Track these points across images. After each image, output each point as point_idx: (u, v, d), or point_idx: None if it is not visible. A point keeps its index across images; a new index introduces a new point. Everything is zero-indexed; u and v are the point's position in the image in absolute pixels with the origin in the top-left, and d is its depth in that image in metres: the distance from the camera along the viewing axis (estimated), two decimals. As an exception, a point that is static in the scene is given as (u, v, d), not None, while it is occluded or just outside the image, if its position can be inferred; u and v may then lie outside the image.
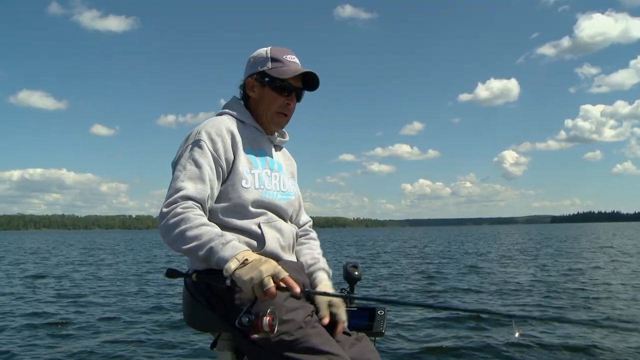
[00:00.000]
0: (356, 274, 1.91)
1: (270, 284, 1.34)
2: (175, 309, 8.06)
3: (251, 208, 1.65)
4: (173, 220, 1.49)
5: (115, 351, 5.62)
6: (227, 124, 1.71)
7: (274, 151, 1.85)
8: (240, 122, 1.77)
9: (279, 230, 1.70)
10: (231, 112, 1.78)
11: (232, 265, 1.38)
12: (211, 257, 1.43)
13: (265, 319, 1.35)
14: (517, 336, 5.25)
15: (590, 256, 18.99)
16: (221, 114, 1.80)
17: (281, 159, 1.87)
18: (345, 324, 1.68)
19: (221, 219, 1.63)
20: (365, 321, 1.80)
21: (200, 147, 1.62)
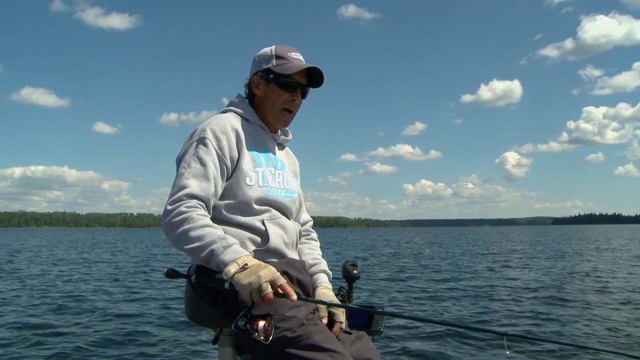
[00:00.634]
0: (355, 272, 1.93)
1: (268, 289, 1.36)
2: (177, 303, 8.07)
3: (255, 205, 1.67)
4: (177, 219, 1.51)
5: (117, 347, 5.65)
6: (232, 121, 1.72)
7: (277, 149, 1.86)
8: (245, 120, 1.78)
9: (283, 227, 1.72)
10: (236, 109, 1.80)
11: (232, 269, 1.40)
12: (212, 259, 1.45)
13: (260, 324, 1.36)
14: (508, 354, 5.27)
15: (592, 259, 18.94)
16: (225, 111, 1.81)
17: (284, 158, 1.89)
18: (343, 324, 1.70)
19: (225, 216, 1.64)
20: (364, 320, 1.82)
21: (205, 144, 1.63)
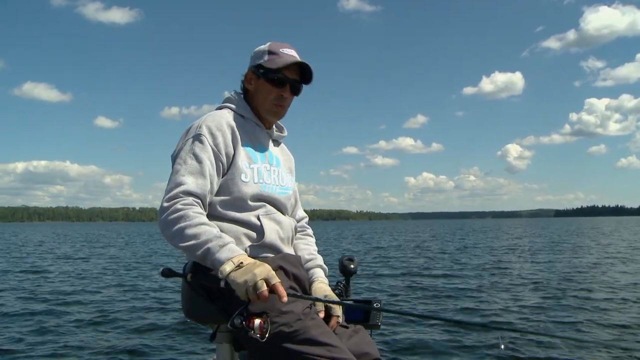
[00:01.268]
0: (352, 267, 1.94)
1: (264, 287, 1.37)
2: (174, 300, 8.08)
3: (250, 202, 1.67)
4: (173, 217, 1.51)
5: (114, 344, 5.65)
6: (227, 118, 1.72)
7: (272, 146, 1.86)
8: (240, 116, 1.78)
9: (278, 222, 1.73)
10: (231, 106, 1.80)
11: (228, 267, 1.41)
12: (208, 257, 1.45)
13: (256, 322, 1.37)
14: (502, 348, 5.30)
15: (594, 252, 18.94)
16: (221, 107, 1.81)
17: (279, 154, 1.89)
18: (340, 318, 1.70)
19: (220, 212, 1.65)
20: (361, 314, 1.82)
21: (201, 141, 1.63)
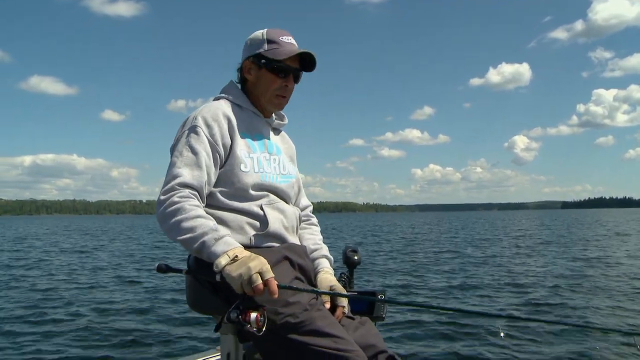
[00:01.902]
0: (355, 258, 1.93)
1: (258, 281, 1.35)
2: (179, 292, 8.13)
3: (252, 191, 1.66)
4: (169, 210, 1.50)
5: (119, 336, 5.69)
6: (224, 108, 1.70)
7: (272, 134, 1.84)
8: (237, 106, 1.76)
9: (282, 211, 1.71)
10: (228, 96, 1.78)
11: (223, 261, 1.40)
12: (203, 250, 1.45)
13: (253, 315, 1.36)
14: (502, 336, 5.30)
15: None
16: (218, 98, 1.79)
17: (280, 142, 1.87)
18: (345, 309, 1.69)
19: (222, 202, 1.64)
20: (365, 305, 1.81)
21: (197, 132, 1.62)
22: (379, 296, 1.77)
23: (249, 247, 1.57)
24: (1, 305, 7.63)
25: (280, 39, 1.73)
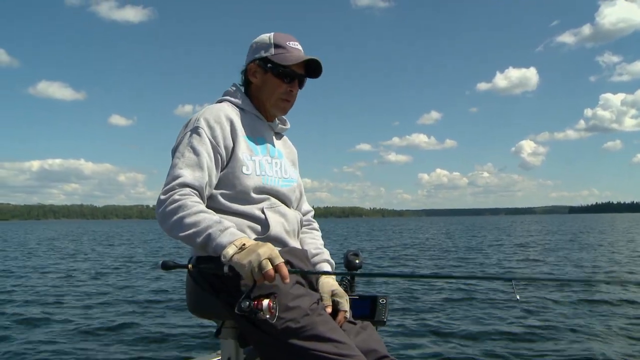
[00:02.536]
0: (357, 262, 1.92)
1: (269, 266, 1.34)
2: (179, 295, 8.10)
3: (253, 194, 1.65)
4: (171, 207, 1.49)
5: (118, 340, 5.67)
6: (226, 110, 1.70)
7: (274, 138, 1.84)
8: (240, 109, 1.76)
9: (283, 215, 1.70)
10: (231, 99, 1.78)
11: (230, 250, 1.38)
12: (209, 243, 1.43)
13: (265, 302, 1.35)
14: (518, 298, 5.25)
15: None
16: (221, 101, 1.79)
17: (282, 147, 1.87)
18: (348, 313, 1.68)
19: (223, 204, 1.63)
20: (366, 310, 1.80)
21: (199, 134, 1.62)
22: (381, 300, 1.77)
23: None
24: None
25: (287, 44, 1.73)
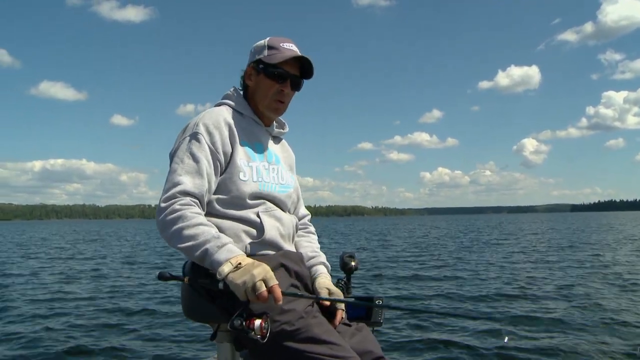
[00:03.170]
0: (352, 264, 1.91)
1: (263, 288, 1.35)
2: (174, 299, 8.07)
3: (249, 200, 1.65)
4: (170, 217, 1.50)
5: (113, 344, 5.63)
6: (225, 115, 1.70)
7: (272, 143, 1.84)
8: (238, 113, 1.76)
9: (279, 219, 1.70)
10: (230, 102, 1.78)
11: (226, 268, 1.40)
12: (206, 258, 1.44)
13: (257, 322, 1.37)
14: (506, 341, 5.25)
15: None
16: (220, 104, 1.79)
17: (279, 151, 1.87)
18: (344, 314, 1.68)
19: (219, 210, 1.63)
20: (363, 311, 1.80)
21: (198, 140, 1.61)
22: (377, 301, 1.76)
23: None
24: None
25: (280, 45, 1.73)
